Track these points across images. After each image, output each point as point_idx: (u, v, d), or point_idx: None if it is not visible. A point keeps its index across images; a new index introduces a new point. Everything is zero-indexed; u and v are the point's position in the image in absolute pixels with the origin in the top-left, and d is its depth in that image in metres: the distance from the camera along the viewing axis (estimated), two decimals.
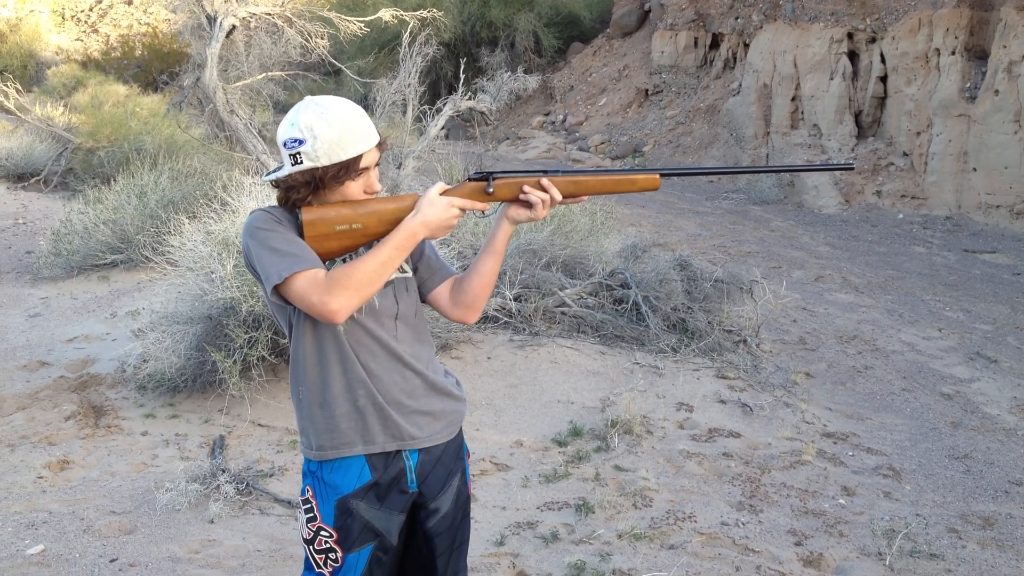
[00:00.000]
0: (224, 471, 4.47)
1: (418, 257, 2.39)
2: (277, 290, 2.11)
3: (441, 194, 2.23)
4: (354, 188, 2.21)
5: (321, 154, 2.13)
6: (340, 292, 2.07)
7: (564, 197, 2.30)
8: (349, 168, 2.17)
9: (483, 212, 2.30)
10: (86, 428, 5.20)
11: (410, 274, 2.35)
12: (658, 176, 2.36)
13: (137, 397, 5.57)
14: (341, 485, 2.24)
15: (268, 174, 2.25)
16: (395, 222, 2.20)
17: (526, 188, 2.27)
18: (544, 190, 2.27)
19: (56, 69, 21.83)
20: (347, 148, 2.15)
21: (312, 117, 2.14)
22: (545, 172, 2.30)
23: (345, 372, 2.22)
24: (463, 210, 2.25)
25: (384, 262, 2.14)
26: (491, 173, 2.28)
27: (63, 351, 6.41)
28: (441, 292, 2.39)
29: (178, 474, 4.52)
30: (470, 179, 2.28)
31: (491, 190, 2.27)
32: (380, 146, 2.25)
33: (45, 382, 5.84)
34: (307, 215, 2.16)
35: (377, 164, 2.25)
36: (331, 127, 2.13)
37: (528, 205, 2.28)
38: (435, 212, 2.20)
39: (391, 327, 2.26)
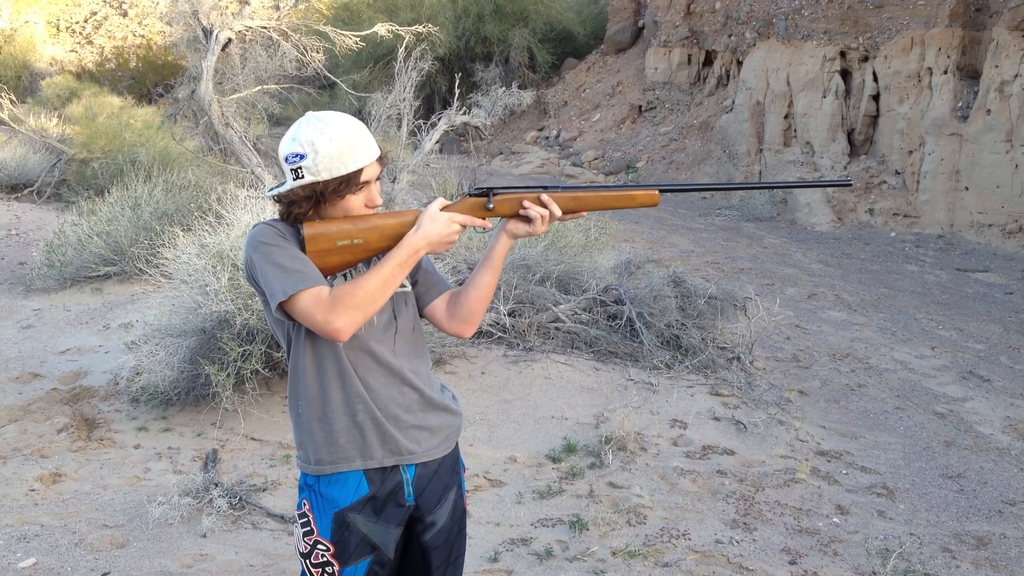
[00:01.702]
0: (217, 485, 4.45)
1: (416, 271, 2.40)
2: (281, 307, 2.11)
3: (441, 210, 2.24)
4: (355, 202, 2.22)
5: (322, 168, 2.14)
6: (344, 311, 2.08)
7: (564, 213, 2.31)
8: (350, 182, 2.18)
9: (483, 228, 2.30)
10: (78, 441, 5.18)
11: (409, 288, 2.36)
12: (657, 192, 2.37)
13: (130, 410, 5.55)
14: (338, 498, 2.23)
15: (270, 189, 2.26)
16: (396, 237, 2.20)
17: (526, 204, 2.28)
18: (544, 206, 2.28)
19: (50, 80, 21.81)
20: (347, 162, 2.16)
21: (313, 132, 2.15)
22: (545, 188, 2.31)
23: (344, 387, 2.22)
24: (463, 226, 2.25)
25: (387, 279, 2.14)
26: (491, 189, 2.29)
27: (56, 363, 6.38)
28: (438, 305, 2.40)
29: (171, 488, 4.49)
30: (470, 195, 2.29)
31: (491, 206, 2.28)
32: (381, 160, 2.26)
33: (37, 394, 5.81)
34: (309, 230, 2.17)
35: (378, 178, 2.26)
36: (332, 142, 2.14)
37: (527, 220, 2.29)
38: (436, 228, 2.20)
39: (390, 342, 2.27)
